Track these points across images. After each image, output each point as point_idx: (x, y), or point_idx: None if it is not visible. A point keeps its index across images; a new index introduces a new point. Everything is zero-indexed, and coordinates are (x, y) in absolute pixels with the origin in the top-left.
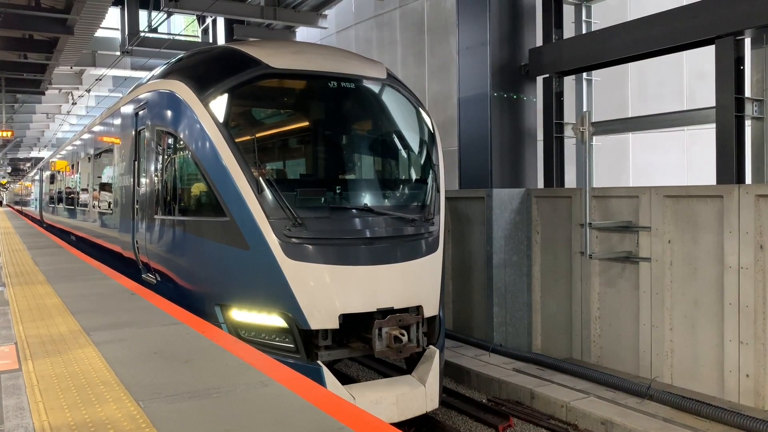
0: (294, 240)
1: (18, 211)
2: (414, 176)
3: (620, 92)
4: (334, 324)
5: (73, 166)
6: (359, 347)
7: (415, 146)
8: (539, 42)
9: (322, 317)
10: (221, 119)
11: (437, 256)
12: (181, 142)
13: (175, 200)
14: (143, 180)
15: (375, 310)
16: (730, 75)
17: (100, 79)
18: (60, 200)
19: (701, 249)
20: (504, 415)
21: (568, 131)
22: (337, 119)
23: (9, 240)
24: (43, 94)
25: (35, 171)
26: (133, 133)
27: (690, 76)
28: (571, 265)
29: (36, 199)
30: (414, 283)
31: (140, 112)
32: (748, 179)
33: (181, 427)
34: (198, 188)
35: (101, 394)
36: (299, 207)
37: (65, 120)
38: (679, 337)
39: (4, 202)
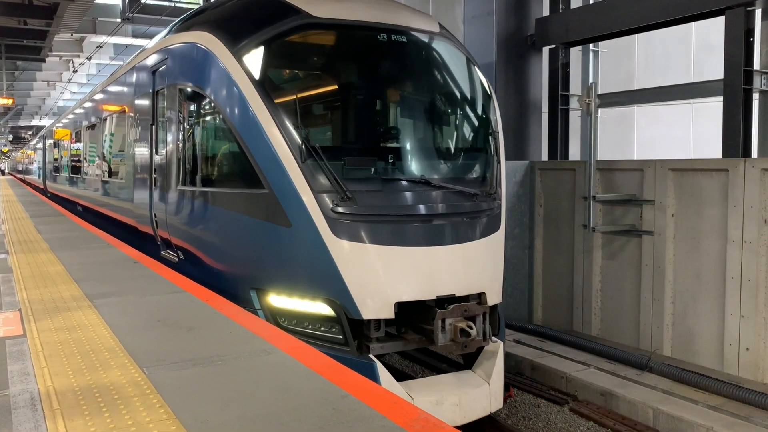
0: (342, 216)
1: (20, 179)
2: (474, 144)
3: (626, 64)
4: (388, 313)
5: (79, 132)
6: (415, 339)
7: (474, 110)
8: (546, 12)
9: (375, 305)
10: (257, 76)
11: (500, 235)
12: (210, 103)
13: (202, 169)
14: (162, 146)
15: (435, 297)
16: (739, 47)
17: (101, 47)
18: (65, 168)
19: (705, 223)
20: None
21: (573, 103)
22: (389, 77)
23: (11, 208)
24: (44, 61)
25: (38, 138)
26: (150, 93)
27: (697, 48)
28: (573, 238)
29: (39, 168)
30: (476, 266)
31: (159, 70)
32: (754, 153)
33: (184, 394)
34: (230, 156)
35: (105, 361)
36: (347, 178)
37: (66, 88)
38: (680, 311)
39: (6, 171)
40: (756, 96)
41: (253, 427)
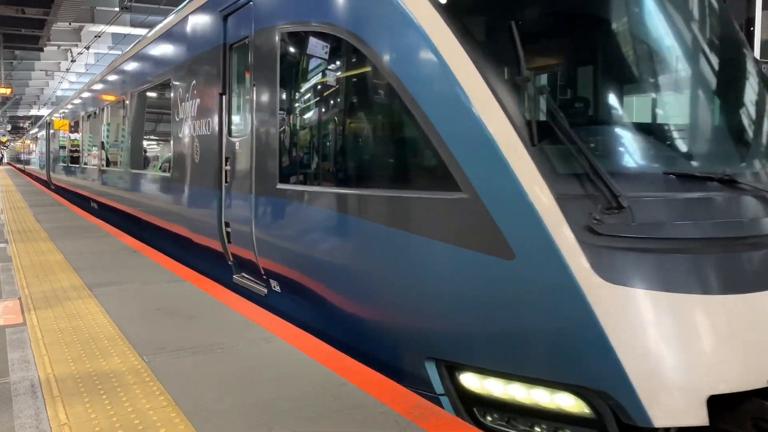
0: (612, 241)
1: (20, 170)
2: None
3: None
4: (699, 417)
5: (98, 113)
6: None
7: (755, 77)
8: None
9: (676, 402)
10: (452, 9)
11: None
12: (355, 53)
13: (332, 159)
14: (242, 126)
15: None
16: None
17: (100, 36)
18: (76, 158)
19: None
20: None
21: None
22: (659, 23)
23: (11, 198)
24: (42, 50)
25: (41, 123)
26: (219, 49)
27: None
28: None
29: (42, 157)
30: None
31: (236, 11)
32: None
33: (184, 382)
34: (392, 135)
35: (105, 349)
36: (611, 174)
37: (64, 77)
38: None
39: (5, 160)
40: None
41: (253, 414)
